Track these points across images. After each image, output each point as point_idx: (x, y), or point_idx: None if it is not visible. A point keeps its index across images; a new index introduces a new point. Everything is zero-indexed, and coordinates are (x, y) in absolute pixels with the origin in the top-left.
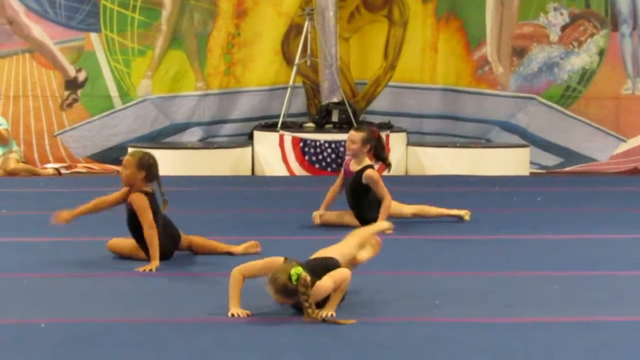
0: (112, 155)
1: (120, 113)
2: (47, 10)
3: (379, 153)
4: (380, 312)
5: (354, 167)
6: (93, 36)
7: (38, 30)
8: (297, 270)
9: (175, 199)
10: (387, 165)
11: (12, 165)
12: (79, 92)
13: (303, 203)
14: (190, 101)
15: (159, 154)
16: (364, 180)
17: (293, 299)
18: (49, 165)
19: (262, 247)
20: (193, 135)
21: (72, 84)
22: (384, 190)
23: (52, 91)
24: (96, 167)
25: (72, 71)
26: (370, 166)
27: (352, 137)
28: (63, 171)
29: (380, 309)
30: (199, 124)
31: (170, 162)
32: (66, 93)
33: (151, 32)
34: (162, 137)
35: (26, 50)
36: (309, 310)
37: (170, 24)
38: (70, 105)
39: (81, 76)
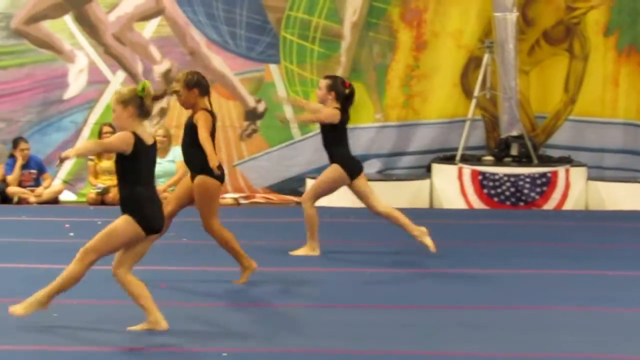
0: (291, 186)
1: (299, 144)
2: (228, 42)
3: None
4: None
5: None
6: (272, 67)
7: (218, 61)
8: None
9: (348, 231)
10: None
11: None
12: (258, 122)
13: (482, 235)
14: (369, 132)
15: None
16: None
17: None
18: (227, 195)
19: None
20: (371, 166)
21: (251, 115)
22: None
23: (231, 121)
24: (274, 197)
25: (251, 102)
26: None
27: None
28: (242, 201)
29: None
30: (377, 156)
31: (348, 194)
32: (245, 123)
33: (330, 64)
34: None
35: None
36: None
37: (350, 56)
38: (249, 135)
39: (260, 107)
